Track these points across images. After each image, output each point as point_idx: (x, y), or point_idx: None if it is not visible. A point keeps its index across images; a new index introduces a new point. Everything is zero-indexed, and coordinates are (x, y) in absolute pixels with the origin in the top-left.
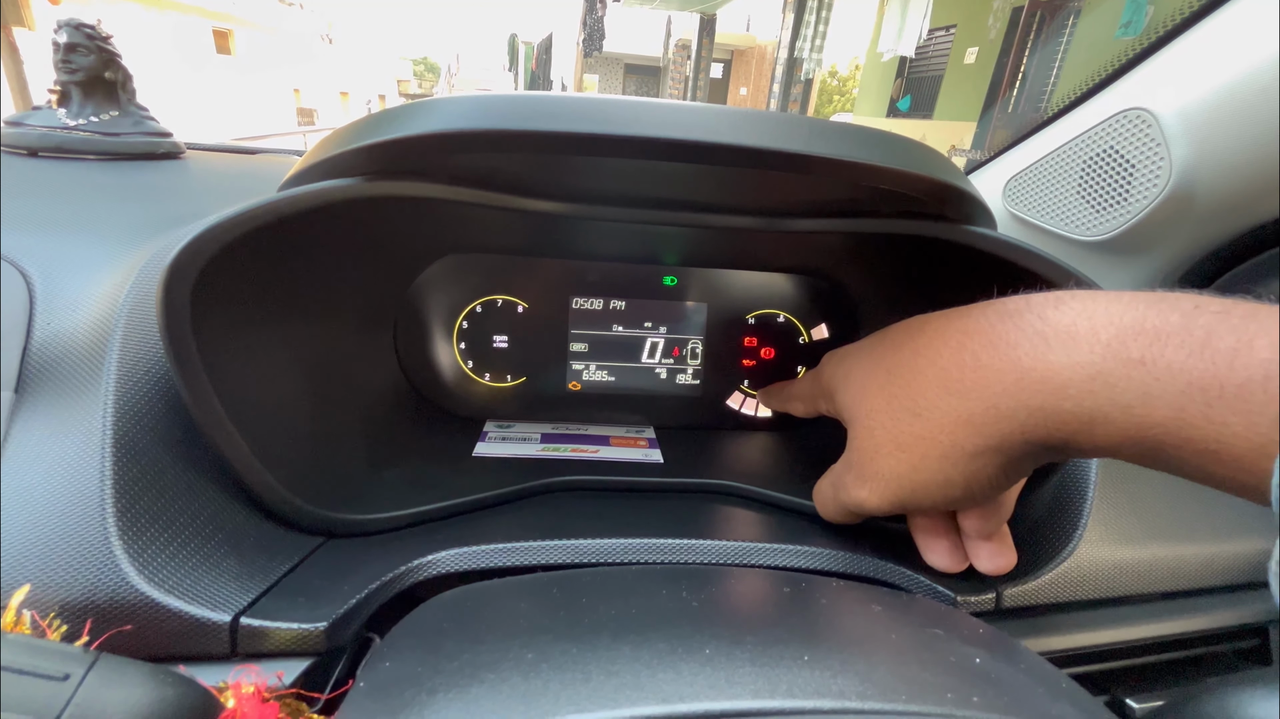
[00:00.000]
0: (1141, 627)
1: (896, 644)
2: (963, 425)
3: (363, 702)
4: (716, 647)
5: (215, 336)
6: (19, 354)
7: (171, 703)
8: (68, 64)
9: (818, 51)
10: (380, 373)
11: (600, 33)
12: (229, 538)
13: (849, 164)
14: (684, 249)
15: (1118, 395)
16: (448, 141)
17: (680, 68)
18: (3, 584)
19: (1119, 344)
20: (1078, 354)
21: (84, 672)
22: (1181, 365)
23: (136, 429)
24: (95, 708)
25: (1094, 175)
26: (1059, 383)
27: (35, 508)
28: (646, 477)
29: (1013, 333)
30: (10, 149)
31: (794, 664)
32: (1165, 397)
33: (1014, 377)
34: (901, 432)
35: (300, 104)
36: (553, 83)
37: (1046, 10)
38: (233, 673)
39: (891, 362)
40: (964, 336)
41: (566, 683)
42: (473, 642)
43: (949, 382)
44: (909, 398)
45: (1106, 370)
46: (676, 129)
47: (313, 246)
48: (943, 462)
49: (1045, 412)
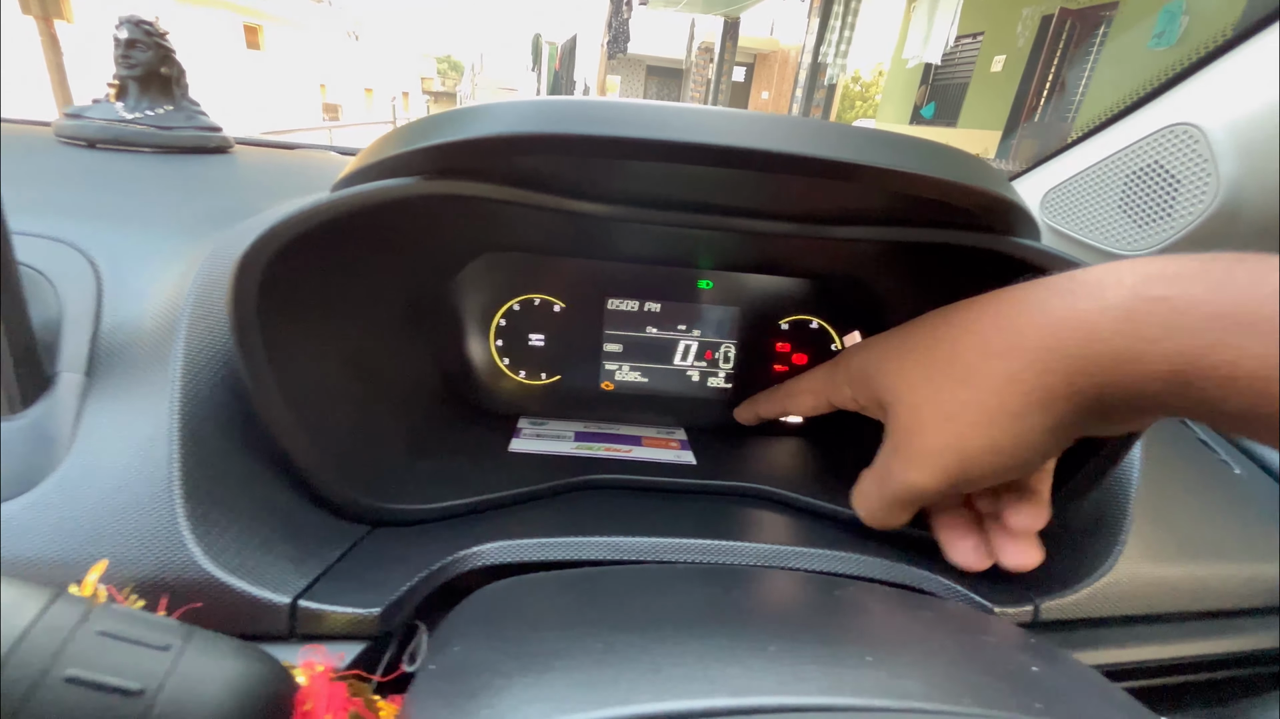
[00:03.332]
0: (1179, 645)
1: (954, 650)
2: (1007, 385)
3: (436, 684)
4: (780, 644)
5: (276, 328)
6: (88, 339)
7: (258, 676)
8: (127, 59)
9: (842, 57)
10: (418, 368)
11: (625, 34)
12: (283, 524)
13: (904, 175)
14: (720, 253)
15: (1144, 330)
16: (517, 144)
17: (703, 70)
18: (78, 558)
19: (1143, 286)
20: (1105, 299)
21: (182, 643)
22: (1201, 298)
23: (200, 415)
24: (193, 678)
25: (1137, 190)
26: (1090, 328)
27: (106, 486)
28: (679, 478)
29: (1043, 292)
30: (69, 140)
31: (858, 664)
32: (1188, 327)
33: (1049, 330)
34: (946, 400)
35: (326, 99)
36: (575, 83)
37: (1077, 19)
38: (301, 652)
39: (929, 340)
40: (999, 304)
41: (639, 673)
42: (538, 631)
43: (988, 346)
44: (951, 367)
45: (1132, 309)
46: (739, 137)
47: (361, 243)
48: (990, 427)
49: (1082, 358)
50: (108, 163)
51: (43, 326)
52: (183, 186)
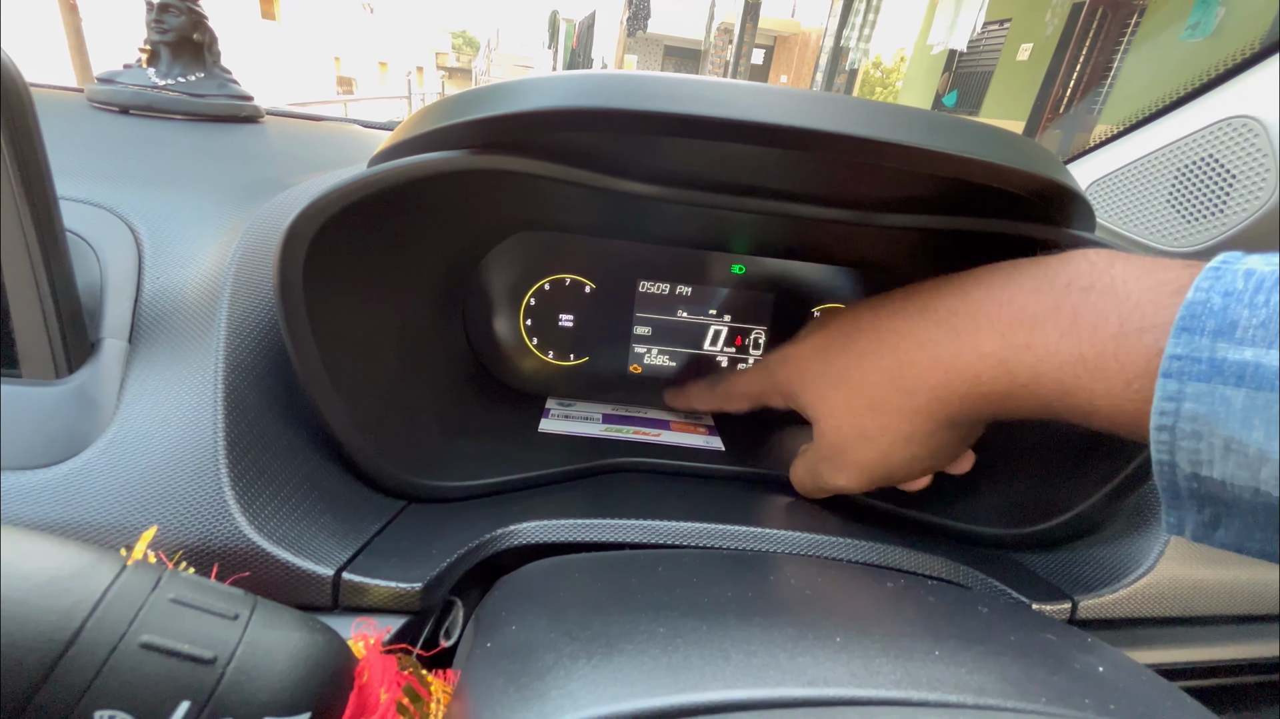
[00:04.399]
0: (1218, 648)
1: (1017, 646)
2: (914, 415)
3: (500, 662)
4: (846, 635)
5: (319, 300)
6: (130, 305)
7: (322, 648)
8: (160, 24)
9: (865, 41)
10: (450, 344)
11: (646, 11)
12: (324, 496)
13: (982, 163)
14: (756, 238)
15: (1016, 377)
16: (577, 119)
17: (721, 52)
18: (125, 524)
19: (1010, 332)
20: (981, 347)
21: (249, 613)
22: (1055, 347)
23: (243, 385)
24: (262, 648)
25: (1189, 184)
26: (974, 375)
27: (152, 453)
28: (708, 463)
29: (931, 330)
30: (102, 105)
31: (926, 658)
32: (1049, 374)
33: (941, 371)
34: (865, 425)
35: (340, 72)
36: (593, 61)
37: (1109, 7)
38: (354, 624)
39: (840, 364)
40: (897, 338)
41: (708, 659)
42: (598, 613)
43: (894, 380)
44: (864, 397)
45: (1004, 357)
46: (801, 117)
47: (400, 218)
48: (908, 444)
49: (972, 395)
50: (141, 129)
51: (85, 292)
52: (217, 155)
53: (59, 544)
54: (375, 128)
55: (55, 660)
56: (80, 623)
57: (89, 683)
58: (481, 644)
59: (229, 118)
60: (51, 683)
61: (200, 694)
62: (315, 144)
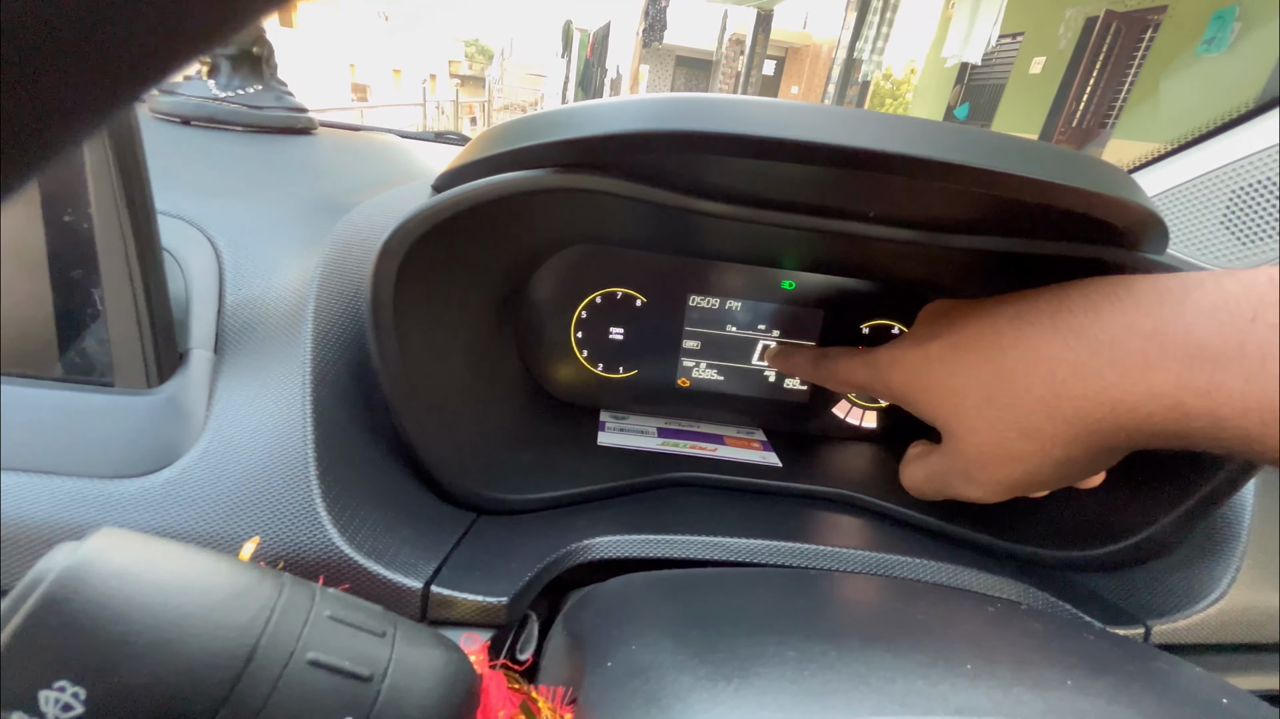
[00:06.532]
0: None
1: (1139, 676)
2: (1073, 443)
3: (628, 682)
4: (975, 663)
5: (402, 314)
6: (214, 317)
7: (458, 665)
8: None
9: (878, 53)
10: (507, 357)
11: (662, 23)
12: (403, 509)
13: (1071, 190)
14: (809, 254)
15: (1194, 421)
16: (671, 141)
17: (733, 63)
18: (222, 534)
19: (1188, 374)
20: (1154, 383)
21: (394, 630)
22: (1241, 391)
23: (329, 398)
24: (409, 665)
25: (1244, 206)
26: (1144, 414)
27: (245, 464)
28: (765, 479)
29: (1091, 360)
30: (164, 116)
31: (1062, 689)
32: (1231, 420)
33: (1107, 409)
34: (1013, 448)
35: (355, 79)
36: (607, 71)
37: (1124, 22)
38: (463, 639)
39: (979, 381)
40: (1053, 365)
41: (851, 685)
42: (722, 635)
43: (1050, 410)
44: (1014, 420)
45: (1181, 400)
46: (891, 142)
47: (467, 235)
48: (1057, 468)
49: (1141, 432)
50: (204, 140)
51: (173, 303)
52: (280, 166)
53: (224, 559)
54: (410, 138)
55: (237, 678)
56: (256, 639)
57: (265, 701)
58: (598, 664)
59: (286, 129)
60: (233, 701)
61: (360, 712)
62: (367, 157)
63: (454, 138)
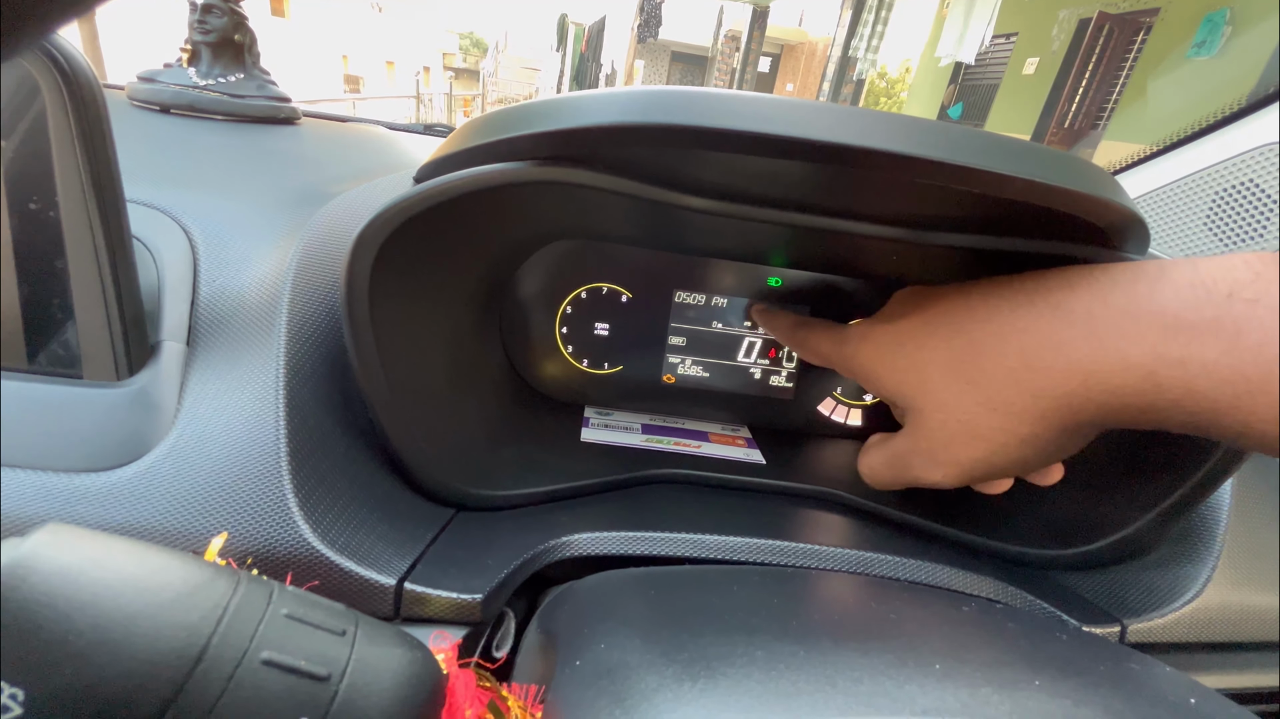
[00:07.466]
0: (1268, 675)
1: (1110, 677)
2: (1040, 419)
3: (596, 682)
4: (944, 663)
5: (378, 307)
6: (187, 308)
7: (421, 664)
8: (203, 24)
9: (873, 52)
10: (489, 352)
11: (658, 19)
12: (379, 504)
13: (1055, 189)
14: (796, 251)
15: (1166, 392)
16: (651, 135)
17: (728, 59)
18: (190, 529)
19: (1163, 344)
20: (1128, 357)
21: (354, 629)
22: (1214, 364)
23: (303, 391)
24: (370, 665)
25: (1227, 208)
26: (1116, 384)
27: (216, 458)
28: (749, 476)
29: (1065, 331)
30: (143, 104)
31: (1030, 689)
32: (1203, 391)
33: (1078, 380)
34: (977, 423)
35: (347, 71)
36: (602, 66)
37: (1116, 24)
38: (432, 637)
39: (947, 355)
40: (1023, 336)
41: (816, 685)
42: (689, 633)
43: (1019, 381)
44: (980, 394)
45: (1153, 370)
46: (871, 138)
47: (447, 227)
48: (1021, 446)
49: (1110, 406)
50: (183, 129)
51: (145, 294)
52: (260, 157)
53: (177, 556)
54: (399, 129)
55: (185, 678)
56: (206, 639)
57: (215, 701)
58: (568, 662)
59: (268, 119)
60: (180, 702)
61: (317, 712)
62: (351, 148)
63: (444, 130)
